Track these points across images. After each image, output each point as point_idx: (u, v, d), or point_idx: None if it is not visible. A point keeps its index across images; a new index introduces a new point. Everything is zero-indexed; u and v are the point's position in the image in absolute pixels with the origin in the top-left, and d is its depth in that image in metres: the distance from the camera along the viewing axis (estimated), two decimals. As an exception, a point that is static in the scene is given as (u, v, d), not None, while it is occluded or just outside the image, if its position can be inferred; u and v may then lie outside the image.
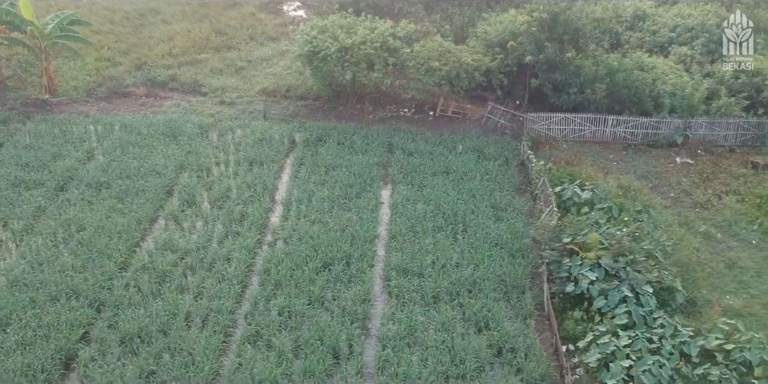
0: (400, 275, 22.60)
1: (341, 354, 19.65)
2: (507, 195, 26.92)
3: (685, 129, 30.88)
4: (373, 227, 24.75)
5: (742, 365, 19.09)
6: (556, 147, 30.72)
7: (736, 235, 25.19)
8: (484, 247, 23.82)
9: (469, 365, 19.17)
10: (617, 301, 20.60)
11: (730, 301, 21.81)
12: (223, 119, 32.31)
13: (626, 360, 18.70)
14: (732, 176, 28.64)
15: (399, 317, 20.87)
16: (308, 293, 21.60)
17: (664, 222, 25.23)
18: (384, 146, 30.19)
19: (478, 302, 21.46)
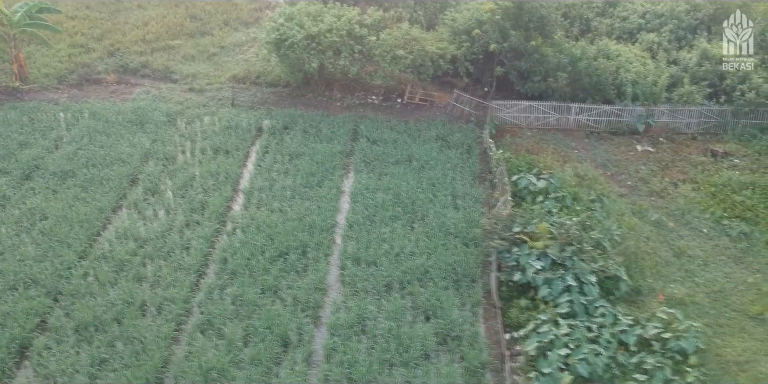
0: (355, 264, 22.99)
1: (290, 342, 20.11)
2: (466, 184, 27.22)
3: (648, 117, 31.07)
4: (331, 216, 25.07)
5: (678, 354, 19.55)
6: (519, 135, 30.94)
7: (688, 223, 25.51)
8: (438, 236, 24.17)
9: (413, 353, 19.63)
10: (560, 290, 20.98)
11: (675, 289, 22.19)
12: (191, 106, 32.47)
13: (564, 349, 19.12)
14: (690, 164, 28.89)
15: (349, 306, 21.29)
16: (262, 282, 21.99)
17: (617, 211, 25.54)
18: (349, 134, 30.41)
19: (427, 291, 21.87)
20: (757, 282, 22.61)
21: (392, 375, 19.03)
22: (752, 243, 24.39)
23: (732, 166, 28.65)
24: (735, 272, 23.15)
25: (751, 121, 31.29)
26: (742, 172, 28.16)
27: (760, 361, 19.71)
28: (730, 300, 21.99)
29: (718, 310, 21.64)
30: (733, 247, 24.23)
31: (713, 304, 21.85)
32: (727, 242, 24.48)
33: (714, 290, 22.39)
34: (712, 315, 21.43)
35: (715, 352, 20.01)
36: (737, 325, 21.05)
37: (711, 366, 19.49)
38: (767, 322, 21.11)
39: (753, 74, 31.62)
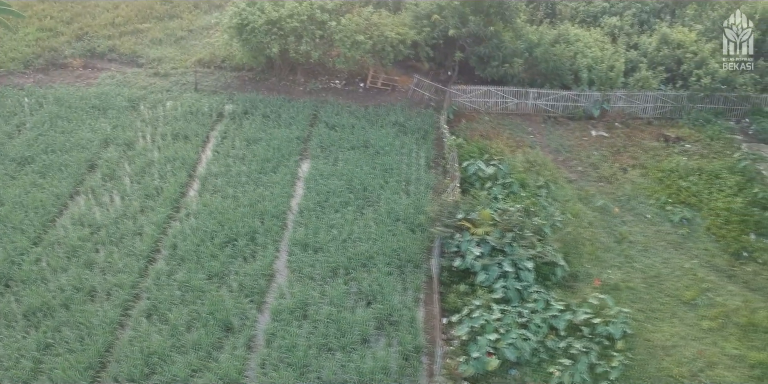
0: (302, 250, 23.39)
1: (233, 327, 20.59)
2: (420, 170, 27.53)
3: (604, 102, 31.27)
4: (283, 202, 25.41)
5: (606, 339, 20.05)
6: (477, 119, 31.16)
7: (633, 209, 25.87)
8: (386, 222, 24.54)
9: (350, 338, 20.12)
10: (497, 276, 21.41)
11: (611, 275, 22.62)
12: (154, 91, 32.60)
13: (494, 333, 19.61)
14: (642, 150, 29.16)
15: (293, 292, 21.75)
16: (209, 268, 22.41)
17: (563, 197, 25.89)
18: (308, 119, 30.63)
19: (371, 276, 22.31)
20: (694, 268, 23.03)
21: (328, 359, 19.52)
22: (693, 229, 24.77)
23: (683, 151, 28.93)
24: (673, 258, 23.56)
25: (706, 106, 31.49)
26: (692, 157, 28.45)
27: (686, 346, 20.21)
28: (665, 285, 22.42)
29: (652, 295, 22.09)
30: (675, 233, 24.62)
31: (648, 289, 22.30)
32: (669, 228, 24.86)
33: (651, 276, 22.82)
34: (646, 300, 21.88)
35: (645, 336, 20.49)
36: (669, 311, 21.52)
37: (638, 351, 19.99)
38: (699, 308, 21.56)
39: (710, 59, 31.75)
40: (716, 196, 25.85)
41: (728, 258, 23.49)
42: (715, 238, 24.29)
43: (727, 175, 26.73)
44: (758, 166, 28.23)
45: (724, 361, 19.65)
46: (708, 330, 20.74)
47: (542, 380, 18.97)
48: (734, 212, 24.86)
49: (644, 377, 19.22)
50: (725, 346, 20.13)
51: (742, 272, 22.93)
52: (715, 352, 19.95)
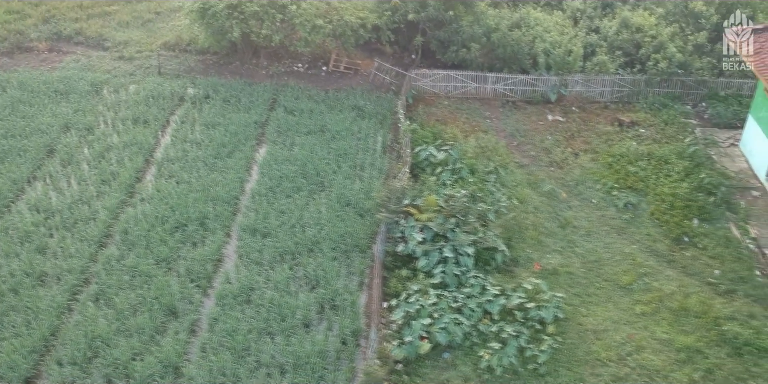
0: (251, 235, 23.73)
1: (177, 312, 21.00)
2: (374, 154, 27.75)
3: (561, 86, 31.38)
4: (235, 188, 25.68)
5: (538, 323, 20.48)
6: (436, 104, 31.31)
7: (580, 194, 26.15)
8: (336, 207, 24.84)
9: (291, 322, 20.54)
10: (436, 261, 21.78)
11: (552, 260, 22.98)
12: (118, 75, 32.68)
13: (428, 318, 20.03)
14: (596, 134, 29.36)
15: (238, 277, 22.12)
16: (158, 253, 22.75)
17: (512, 182, 26.16)
18: (268, 103, 30.77)
19: (316, 261, 22.67)
20: (633, 252, 23.39)
21: (267, 343, 19.95)
22: (637, 214, 25.09)
23: (636, 135, 29.13)
24: (615, 243, 23.91)
25: (663, 90, 31.62)
26: (644, 141, 28.66)
27: (617, 330, 20.63)
28: (604, 270, 22.80)
29: (590, 280, 22.48)
30: (619, 218, 24.94)
31: (587, 274, 22.68)
32: (613, 213, 25.18)
33: (591, 260, 23.18)
34: (584, 285, 22.28)
35: (578, 321, 20.91)
36: (605, 295, 21.92)
37: (569, 334, 20.41)
38: (634, 292, 21.95)
39: (669, 43, 31.80)
40: (663, 181, 26.10)
41: (669, 243, 23.83)
42: (658, 223, 24.60)
43: (676, 160, 26.95)
44: (710, 150, 28.50)
45: (652, 345, 20.09)
46: (641, 314, 21.16)
47: (473, 363, 19.41)
48: (679, 197, 25.13)
49: (572, 360, 19.66)
50: (656, 330, 20.56)
51: (681, 257, 23.28)
52: (645, 336, 20.38)
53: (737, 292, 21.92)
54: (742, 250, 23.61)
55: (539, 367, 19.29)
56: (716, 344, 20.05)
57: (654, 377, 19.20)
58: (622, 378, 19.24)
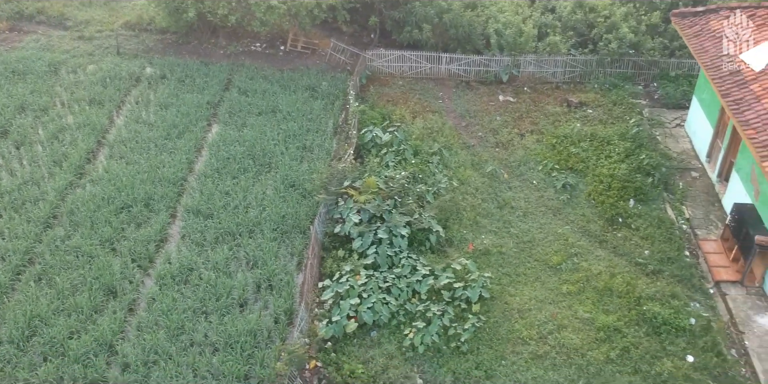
0: (194, 216, 24.09)
1: (116, 292, 21.45)
2: (323, 136, 27.97)
3: (514, 67, 31.47)
4: (182, 169, 25.97)
5: (464, 302, 20.95)
6: (390, 84, 31.44)
7: (522, 175, 26.44)
8: (280, 189, 25.16)
9: (225, 301, 21.02)
10: (370, 242, 22.18)
11: (486, 240, 23.38)
12: (77, 55, 32.74)
13: (356, 298, 20.50)
14: (545, 115, 29.54)
15: (179, 257, 22.54)
16: (101, 234, 23.14)
17: (455, 163, 26.44)
18: (222, 84, 30.90)
19: (255, 242, 23.08)
20: (566, 233, 23.77)
21: (202, 322, 20.45)
22: (574, 195, 25.41)
23: (584, 116, 29.33)
24: (550, 223, 24.28)
25: (615, 71, 31.73)
26: (591, 122, 28.87)
27: (542, 309, 21.11)
28: (536, 250, 23.21)
29: (521, 260, 22.89)
30: (556, 199, 25.27)
31: (519, 254, 23.09)
32: (552, 194, 25.49)
33: (524, 241, 23.57)
34: (514, 264, 22.70)
35: (505, 300, 21.38)
36: (534, 275, 22.36)
37: (494, 313, 20.89)
38: (562, 272, 22.38)
39: (622, 24, 31.80)
40: (603, 162, 26.38)
41: (603, 224, 24.20)
42: (594, 204, 24.94)
43: (618, 141, 27.18)
44: (655, 131, 28.73)
45: (574, 324, 20.59)
46: (567, 294, 21.62)
47: (397, 341, 19.92)
48: (616, 178, 25.43)
49: (495, 339, 20.17)
50: (579, 309, 21.04)
51: (613, 238, 23.67)
52: (568, 315, 20.87)
53: (663, 273, 22.35)
54: (674, 230, 23.98)
55: (461, 345, 19.79)
56: (636, 323, 20.54)
57: (572, 355, 19.72)
58: (541, 356, 19.77)
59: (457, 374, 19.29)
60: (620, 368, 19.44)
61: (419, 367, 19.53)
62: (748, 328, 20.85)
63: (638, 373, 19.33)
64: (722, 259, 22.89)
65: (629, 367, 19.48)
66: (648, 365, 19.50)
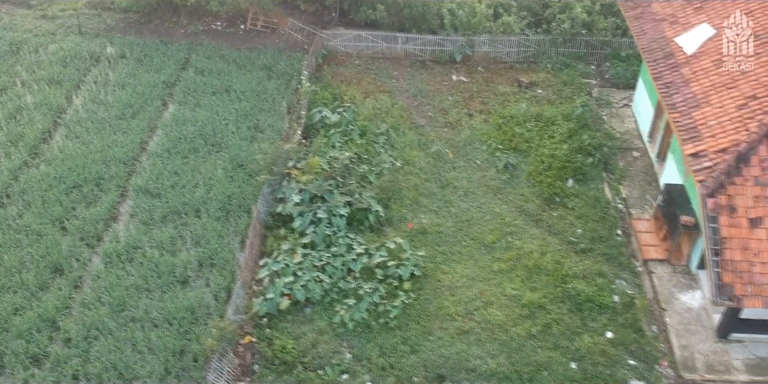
0: (142, 196, 24.56)
1: (62, 269, 22.02)
2: (275, 116, 28.26)
3: (467, 46, 31.62)
4: (134, 149, 26.35)
5: (397, 280, 21.54)
6: (346, 63, 31.63)
7: (466, 155, 26.81)
8: (228, 168, 25.58)
9: (167, 279, 21.61)
10: (309, 222, 22.69)
11: (425, 219, 23.88)
12: (39, 35, 32.83)
13: (291, 276, 21.09)
14: (495, 95, 29.81)
15: (126, 236, 23.07)
16: (51, 213, 23.63)
17: (402, 143, 26.82)
18: (180, 63, 31.08)
19: (201, 221, 23.59)
20: (503, 212, 24.26)
21: (143, 299, 21.07)
22: (515, 175, 25.82)
23: (533, 96, 29.61)
24: (489, 203, 24.74)
25: (568, 50, 31.89)
26: (540, 102, 29.16)
27: (472, 286, 21.71)
28: (473, 229, 23.71)
29: (458, 238, 23.41)
30: (498, 179, 25.69)
31: (456, 233, 23.60)
32: (493, 174, 25.90)
33: (462, 220, 24.07)
34: (450, 243, 23.23)
35: (437, 278, 21.96)
36: (468, 253, 22.91)
37: (425, 291, 21.48)
38: (496, 250, 22.93)
39: (576, 3, 31.89)
40: (546, 142, 26.74)
41: (540, 203, 24.66)
42: (533, 184, 25.37)
43: (563, 121, 27.51)
44: (602, 111, 29.06)
45: (501, 301, 21.21)
46: (498, 271, 22.20)
47: (329, 318, 20.56)
48: (557, 159, 25.83)
49: (423, 315, 20.80)
50: (507, 287, 21.63)
51: (549, 217, 24.17)
52: (496, 292, 21.48)
53: (594, 251, 22.91)
54: (609, 210, 24.48)
55: (390, 322, 20.42)
56: (560, 301, 21.16)
57: (496, 331, 20.37)
58: (467, 332, 20.42)
59: (384, 349, 19.96)
60: (541, 344, 20.10)
61: (348, 342, 20.20)
62: (670, 306, 21.50)
63: (558, 349, 20.00)
64: (652, 238, 23.43)
65: (550, 342, 20.14)
66: (568, 341, 20.17)
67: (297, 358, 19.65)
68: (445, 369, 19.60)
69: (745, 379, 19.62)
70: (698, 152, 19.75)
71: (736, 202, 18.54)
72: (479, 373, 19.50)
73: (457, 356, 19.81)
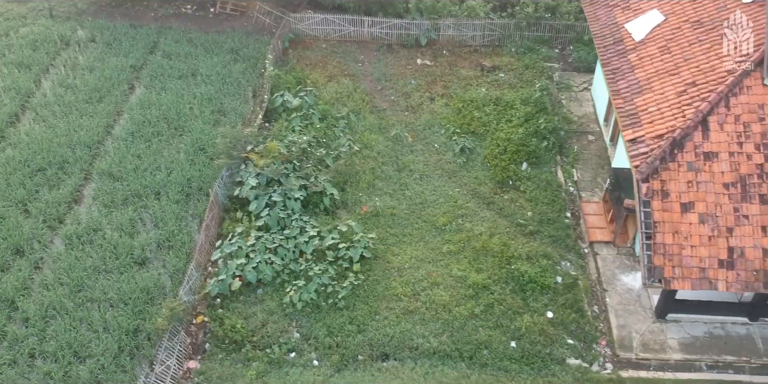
0: (105, 179, 24.97)
1: (24, 251, 22.50)
2: (239, 100, 28.53)
3: (432, 30, 31.76)
4: (99, 132, 26.69)
5: (347, 262, 22.02)
6: (313, 47, 31.82)
7: (425, 138, 27.13)
8: (189, 152, 25.95)
9: (125, 261, 22.11)
10: (264, 205, 23.12)
11: (378, 202, 24.30)
12: (10, 18, 32.98)
13: (243, 258, 21.58)
14: (458, 78, 30.02)
15: (87, 218, 23.52)
16: (15, 196, 24.06)
17: (362, 127, 27.14)
18: (148, 47, 31.27)
19: (160, 204, 24.03)
20: (456, 195, 24.66)
21: (100, 280, 21.59)
22: (471, 158, 26.17)
23: (495, 80, 29.82)
24: (444, 186, 25.12)
25: (533, 34, 32.04)
26: (501, 86, 29.38)
27: (420, 268, 22.20)
28: (426, 212, 24.13)
29: (411, 221, 23.85)
30: (454, 162, 26.05)
31: (409, 215, 24.03)
32: (450, 157, 26.25)
33: (416, 203, 24.48)
34: (403, 225, 23.67)
35: (387, 259, 22.44)
36: (419, 235, 23.36)
37: (375, 272, 21.97)
38: (446, 232, 23.38)
39: (541, -13, 31.99)
40: (503, 126, 27.03)
41: (493, 186, 25.04)
42: (488, 167, 25.73)
43: (521, 105, 27.76)
44: (562, 95, 29.32)
45: (447, 282, 21.71)
46: (447, 253, 22.66)
47: (279, 298, 21.09)
48: (513, 142, 26.14)
49: (371, 296, 21.32)
50: (454, 268, 22.12)
51: (500, 199, 24.58)
52: (443, 273, 21.97)
53: (542, 233, 23.36)
54: (560, 193, 24.89)
55: (339, 302, 20.95)
56: (504, 282, 21.66)
57: (440, 311, 20.89)
58: (412, 311, 20.95)
59: (332, 328, 20.51)
60: (483, 323, 20.65)
61: (297, 322, 20.75)
62: (612, 286, 22.02)
63: (499, 328, 20.56)
64: (600, 220, 23.88)
65: (491, 322, 20.69)
66: (509, 320, 20.71)
67: (246, 338, 20.22)
68: (390, 347, 20.17)
69: (678, 358, 20.20)
70: (636, 138, 20.10)
71: (669, 187, 18.94)
72: (422, 351, 20.09)
73: (402, 335, 20.36)
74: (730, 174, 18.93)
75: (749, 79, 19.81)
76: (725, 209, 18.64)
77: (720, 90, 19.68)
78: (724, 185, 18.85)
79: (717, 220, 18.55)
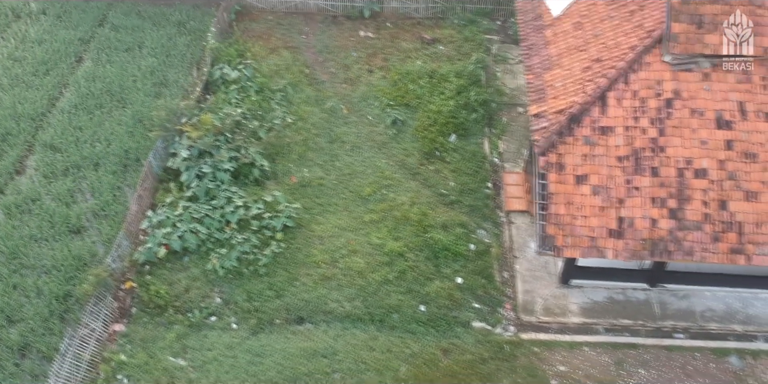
0: (46, 150, 25.66)
1: (-35, 221, 23.38)
2: (181, 72, 29.00)
3: (375, 2, 32.00)
4: (43, 105, 27.28)
5: (271, 231, 22.85)
6: (259, 19, 32.09)
7: (360, 111, 27.69)
8: (129, 124, 26.57)
9: (60, 229, 22.96)
10: (194, 176, 23.85)
11: (307, 173, 25.01)
12: (-37, -9, 33.21)
13: (169, 227, 22.41)
14: (398, 51, 30.38)
15: (27, 189, 24.30)
16: (-43, 168, 24.84)
17: (298, 99, 27.67)
18: (97, 20, 31.58)
19: (97, 174, 24.77)
20: (383, 166, 25.33)
21: (35, 248, 22.47)
22: (402, 130, 26.74)
23: (434, 53, 30.20)
24: (373, 157, 25.77)
25: (475, 6, 32.26)
26: (439, 59, 29.78)
27: (341, 236, 23.03)
28: (353, 182, 24.84)
29: (338, 191, 24.58)
30: (385, 134, 26.66)
31: (337, 186, 24.75)
32: (382, 129, 26.85)
33: (345, 173, 25.16)
34: (329, 195, 24.42)
35: (310, 228, 23.25)
36: (344, 205, 24.12)
37: (298, 240, 22.81)
38: (370, 202, 24.13)
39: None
40: (435, 98, 27.51)
41: (420, 157, 25.69)
42: (418, 139, 26.35)
43: (454, 78, 28.21)
44: (497, 67, 29.76)
45: (365, 250, 22.56)
46: (368, 222, 23.45)
47: (203, 266, 21.99)
48: (443, 114, 26.69)
49: (291, 263, 22.21)
50: (374, 236, 22.93)
51: (426, 170, 25.26)
52: (363, 242, 22.81)
53: (461, 203, 24.12)
54: (484, 163, 25.55)
55: (259, 269, 21.86)
56: (419, 249, 22.49)
57: (356, 277, 21.81)
58: (329, 278, 21.87)
59: (251, 294, 21.46)
60: (395, 289, 21.58)
61: (219, 288, 21.69)
62: (522, 254, 22.89)
63: (409, 293, 21.49)
64: (519, 190, 24.62)
65: (403, 287, 21.61)
66: (420, 286, 21.63)
67: (169, 302, 21.19)
68: (305, 311, 21.15)
69: (577, 321, 21.18)
70: (540, 112, 20.69)
71: (565, 160, 19.60)
72: (335, 314, 21.06)
73: (318, 300, 21.32)
74: (625, 148, 19.55)
75: (649, 55, 20.28)
76: (618, 181, 19.30)
77: (620, 66, 20.17)
78: (617, 158, 19.48)
79: (609, 191, 19.24)
